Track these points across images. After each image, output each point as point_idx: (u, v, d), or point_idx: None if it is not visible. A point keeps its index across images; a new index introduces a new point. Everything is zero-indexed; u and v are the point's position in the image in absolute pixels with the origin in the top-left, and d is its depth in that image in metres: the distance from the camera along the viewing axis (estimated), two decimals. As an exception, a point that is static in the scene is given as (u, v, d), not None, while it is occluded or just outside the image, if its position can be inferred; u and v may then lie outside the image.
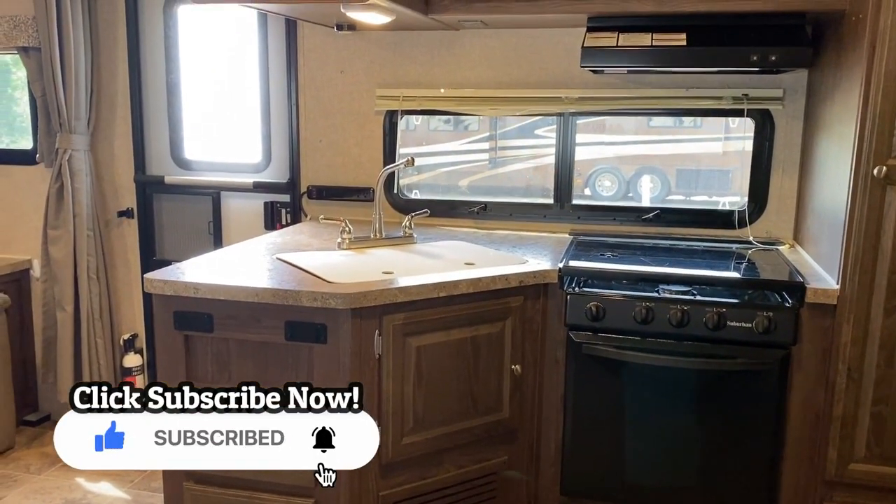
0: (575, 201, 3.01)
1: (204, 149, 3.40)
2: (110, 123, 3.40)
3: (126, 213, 3.45)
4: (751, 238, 2.78)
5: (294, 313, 2.01)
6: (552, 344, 2.38)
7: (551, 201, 3.03)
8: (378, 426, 2.02)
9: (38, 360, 3.57)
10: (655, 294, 2.26)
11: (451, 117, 3.26)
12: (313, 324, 2.01)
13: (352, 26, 2.92)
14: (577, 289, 2.32)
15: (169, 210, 3.43)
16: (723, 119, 2.89)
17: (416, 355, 2.11)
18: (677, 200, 3.19)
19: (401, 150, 3.10)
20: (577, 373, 2.35)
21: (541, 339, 2.38)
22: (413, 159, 2.56)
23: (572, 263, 2.40)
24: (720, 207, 2.91)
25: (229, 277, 2.10)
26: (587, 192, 3.34)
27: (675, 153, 3.24)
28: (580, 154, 3.00)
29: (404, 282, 2.09)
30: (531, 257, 2.50)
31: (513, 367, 2.30)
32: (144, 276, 2.10)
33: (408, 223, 2.72)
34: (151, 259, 3.46)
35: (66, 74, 3.16)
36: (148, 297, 2.52)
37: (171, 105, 3.35)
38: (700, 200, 3.14)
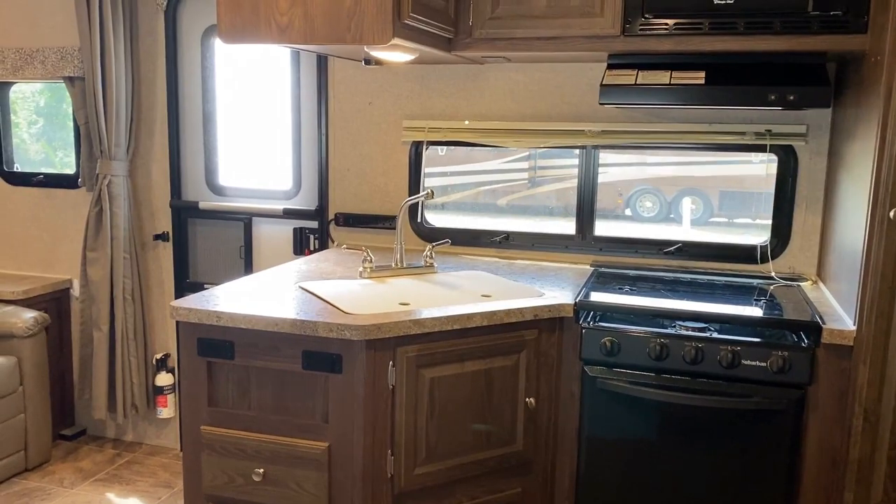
0: (597, 233, 3.03)
1: (237, 175, 3.51)
2: (149, 150, 3.54)
3: (162, 237, 3.57)
4: (773, 273, 2.76)
5: (311, 343, 2.07)
6: (567, 377, 2.40)
7: (573, 232, 3.05)
8: (391, 455, 2.08)
9: (75, 376, 3.71)
10: (670, 331, 2.27)
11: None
12: (329, 354, 2.07)
13: (379, 61, 3.01)
14: (592, 323, 2.34)
15: (203, 234, 3.54)
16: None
17: (429, 386, 2.15)
18: (718, 223, 3.17)
19: (440, 169, 3.16)
20: (592, 407, 2.36)
21: (556, 372, 2.40)
22: (433, 192, 2.61)
23: (587, 298, 2.42)
24: (742, 242, 2.89)
25: (251, 306, 2.17)
26: (628, 212, 3.35)
27: (717, 175, 3.22)
28: (619, 174, 2.99)
29: (419, 314, 2.14)
30: (550, 289, 2.53)
31: (527, 399, 2.33)
32: (171, 303, 2.19)
33: (428, 253, 2.77)
34: (185, 281, 3.57)
35: (108, 103, 3.31)
36: (177, 321, 2.61)
37: (206, 133, 3.47)
38: (740, 222, 3.10)
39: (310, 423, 2.13)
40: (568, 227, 3.07)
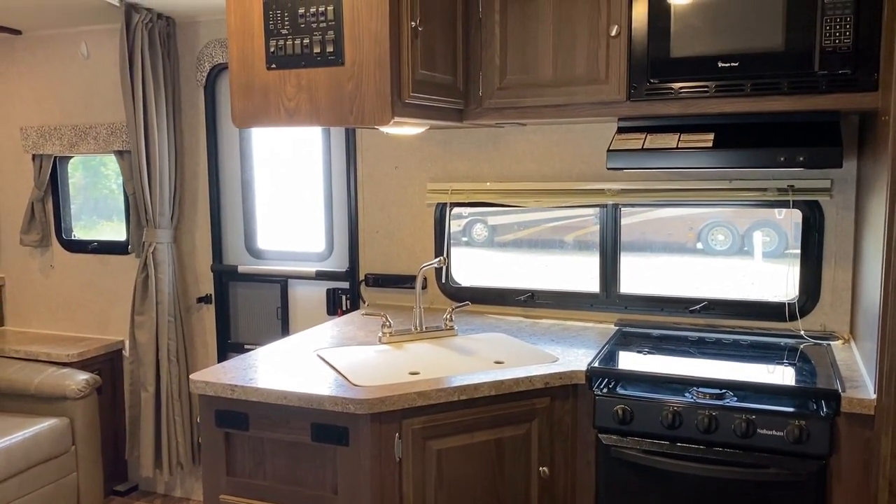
0: (622, 291, 3.01)
1: (274, 239, 3.64)
2: (192, 217, 3.71)
3: (204, 300, 3.72)
4: (802, 332, 2.68)
5: (319, 416, 2.13)
6: (583, 445, 2.38)
7: (597, 290, 3.03)
8: (397, 528, 2.10)
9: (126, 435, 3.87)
10: (685, 398, 2.23)
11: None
12: (336, 427, 2.11)
13: (400, 128, 3.09)
14: (605, 390, 2.32)
15: (243, 296, 3.68)
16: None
17: (436, 458, 2.17)
18: (795, 255, 3.05)
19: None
20: (608, 476, 2.33)
21: (571, 440, 2.38)
22: (445, 258, 2.65)
23: (602, 363, 2.40)
24: (770, 299, 2.82)
25: (265, 378, 2.25)
26: (699, 245, 3.29)
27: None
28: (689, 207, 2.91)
29: (425, 385, 2.17)
30: (569, 351, 2.53)
31: (540, 469, 2.32)
32: (190, 376, 2.28)
33: (448, 315, 2.80)
34: (227, 342, 3.71)
35: (152, 175, 3.50)
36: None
37: (245, 199, 3.63)
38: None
39: (320, 494, 2.18)
40: (592, 284, 3.06)
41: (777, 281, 2.74)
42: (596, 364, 2.39)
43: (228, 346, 3.70)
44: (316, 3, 2.19)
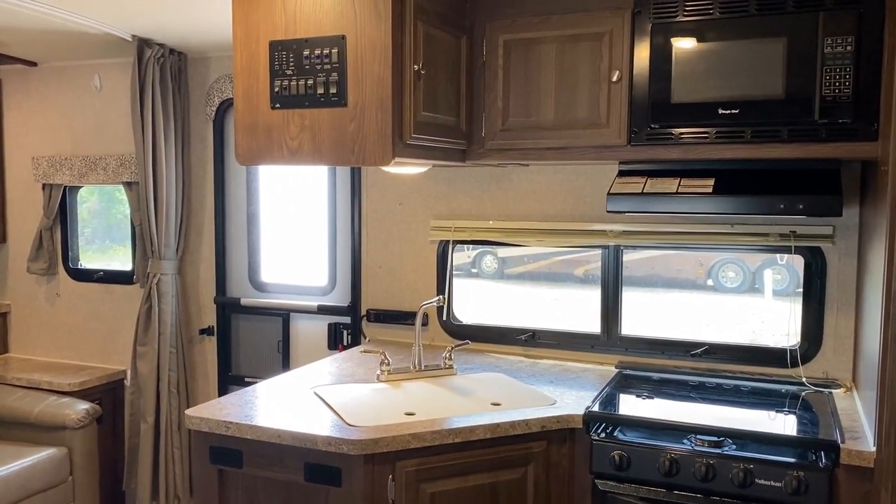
0: (623, 332, 2.99)
1: (278, 272, 3.66)
2: (197, 249, 3.74)
3: (207, 331, 3.73)
4: (803, 379, 2.65)
5: (312, 455, 2.12)
6: (580, 490, 2.35)
7: (598, 331, 3.02)
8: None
9: (125, 465, 3.86)
10: (681, 445, 2.20)
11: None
12: (329, 467, 2.10)
13: (404, 165, 3.12)
14: (602, 435, 2.30)
15: (245, 329, 3.68)
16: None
17: (430, 502, 2.15)
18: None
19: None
20: (604, 522, 2.30)
21: (568, 485, 2.36)
22: (444, 297, 2.65)
23: (600, 407, 2.39)
24: (772, 345, 2.80)
25: (261, 415, 2.24)
26: (710, 282, 3.27)
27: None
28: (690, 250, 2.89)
29: (420, 427, 2.15)
30: (568, 393, 2.52)
31: (535, 513, 2.29)
32: (185, 411, 2.28)
33: (447, 354, 2.79)
34: (228, 374, 3.71)
35: (159, 206, 3.53)
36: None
37: (250, 232, 3.65)
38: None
39: (312, 534, 2.16)
40: (593, 325, 3.04)
41: (784, 323, 2.72)
42: (594, 408, 2.37)
43: (229, 379, 3.70)
44: (321, 46, 2.23)
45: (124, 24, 3.13)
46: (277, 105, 2.31)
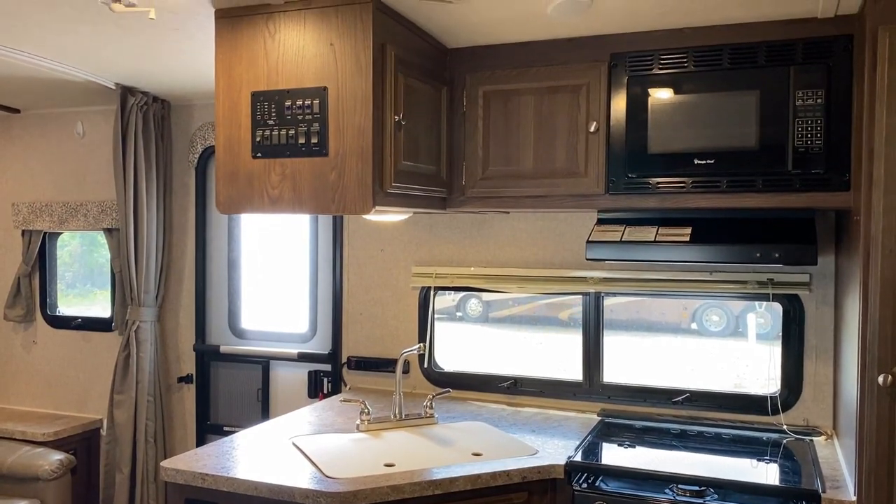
0: (605, 380, 2.99)
1: (258, 318, 3.63)
2: (177, 295, 3.71)
3: (185, 379, 3.69)
4: (784, 426, 2.65)
5: (289, 509, 2.08)
6: (562, 541, 2.32)
7: (580, 379, 3.02)
8: None
9: (99, 517, 3.76)
10: (664, 495, 2.19)
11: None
12: (307, 520, 2.06)
13: (386, 213, 3.13)
14: (584, 485, 2.28)
15: (224, 377, 3.64)
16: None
17: (409, 554, 2.11)
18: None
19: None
20: (587, 575, 2.26)
21: (549, 536, 2.32)
22: (425, 345, 2.65)
23: (581, 458, 2.37)
24: (752, 392, 2.80)
25: (238, 466, 2.21)
26: (693, 326, 3.27)
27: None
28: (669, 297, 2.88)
29: (399, 478, 2.12)
30: (550, 442, 2.50)
31: (517, 566, 2.25)
32: (161, 463, 2.24)
33: (428, 403, 2.77)
34: (206, 423, 3.65)
35: (139, 253, 3.51)
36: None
37: (231, 278, 3.64)
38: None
39: (289, 591, 2.10)
40: (575, 373, 3.04)
41: (766, 368, 2.73)
42: (576, 458, 2.35)
43: (207, 428, 3.64)
44: (303, 97, 2.25)
45: (108, 72, 3.15)
46: (259, 154, 2.33)
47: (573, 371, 3.05)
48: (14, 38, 2.64)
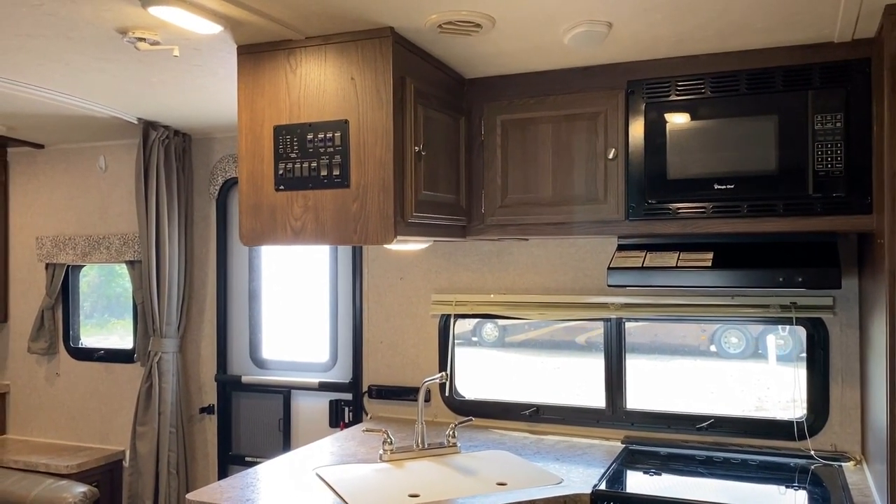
0: (628, 406, 2.97)
1: (279, 348, 3.65)
2: (199, 326, 3.74)
3: (207, 410, 3.70)
4: (811, 452, 2.62)
5: (315, 541, 2.07)
6: (589, 571, 2.29)
7: (603, 406, 3.00)
8: None
9: (121, 549, 3.76)
10: (691, 524, 2.16)
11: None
12: (333, 553, 2.06)
13: (405, 241, 3.15)
14: (610, 514, 2.26)
15: (246, 407, 3.65)
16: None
17: (436, 587, 2.10)
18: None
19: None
20: None
21: (576, 565, 2.30)
22: (447, 374, 2.65)
23: (607, 486, 2.35)
24: (778, 417, 2.77)
25: (262, 499, 2.20)
26: (713, 348, 3.25)
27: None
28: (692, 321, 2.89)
29: (425, 509, 2.12)
30: (574, 470, 2.48)
31: None
32: (186, 496, 2.25)
33: (451, 432, 2.76)
34: (228, 454, 3.65)
35: (161, 285, 3.55)
36: None
37: (251, 309, 3.66)
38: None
39: None
40: (598, 399, 3.02)
41: (789, 390, 2.70)
42: (601, 486, 2.33)
43: (229, 458, 3.65)
44: (324, 130, 2.29)
45: (131, 108, 3.21)
46: (281, 187, 2.36)
47: (594, 397, 3.04)
48: (42, 77, 2.70)
